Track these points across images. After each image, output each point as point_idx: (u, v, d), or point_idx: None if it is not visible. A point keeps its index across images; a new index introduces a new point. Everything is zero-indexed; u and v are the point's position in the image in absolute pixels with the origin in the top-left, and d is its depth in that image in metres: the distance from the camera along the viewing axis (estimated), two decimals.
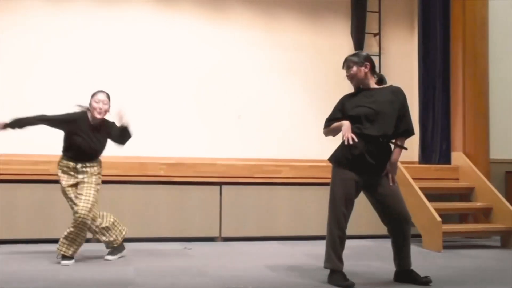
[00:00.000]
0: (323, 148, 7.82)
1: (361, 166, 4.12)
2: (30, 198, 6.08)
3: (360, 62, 4.26)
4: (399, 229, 4.18)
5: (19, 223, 6.02)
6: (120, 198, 6.27)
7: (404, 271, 4.26)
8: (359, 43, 8.15)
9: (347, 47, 8.18)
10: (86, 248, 5.77)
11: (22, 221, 6.03)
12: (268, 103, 7.90)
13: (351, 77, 4.32)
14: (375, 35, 8.40)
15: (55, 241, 5.96)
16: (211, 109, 7.72)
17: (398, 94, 4.23)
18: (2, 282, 4.10)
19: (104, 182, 6.18)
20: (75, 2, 7.38)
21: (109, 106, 5.08)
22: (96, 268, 4.74)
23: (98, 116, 5.02)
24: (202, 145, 7.44)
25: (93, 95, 5.09)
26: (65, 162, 5.11)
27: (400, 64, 8.37)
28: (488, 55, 7.41)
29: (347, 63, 4.31)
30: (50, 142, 6.90)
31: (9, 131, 5.08)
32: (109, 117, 5.13)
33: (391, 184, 4.16)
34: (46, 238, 6.04)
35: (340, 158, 4.22)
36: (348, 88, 8.73)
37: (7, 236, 5.97)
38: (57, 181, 6.05)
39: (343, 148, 4.19)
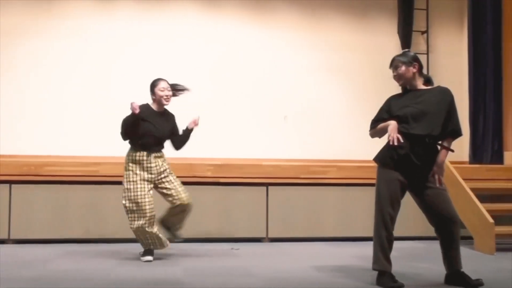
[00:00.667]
0: (370, 148, 7.76)
1: (407, 167, 4.08)
2: (81, 199, 6.22)
3: (408, 62, 4.21)
4: (446, 230, 4.11)
5: (71, 224, 6.17)
6: None
7: (454, 273, 4.18)
8: (406, 41, 8.06)
9: (393, 46, 8.10)
10: (136, 247, 5.88)
11: (74, 221, 6.18)
12: (315, 103, 7.88)
13: (399, 77, 4.26)
14: (422, 33, 8.28)
15: (106, 241, 6.14)
16: (257, 110, 7.75)
17: (446, 95, 4.16)
18: (55, 281, 4.22)
19: None
20: (122, 5, 7.53)
21: (171, 93, 5.18)
22: (145, 268, 4.82)
23: (167, 103, 5.13)
24: (249, 146, 7.47)
25: (155, 85, 5.14)
26: (136, 153, 5.09)
27: (449, 62, 8.23)
28: None
29: (395, 63, 4.26)
30: (100, 144, 7.13)
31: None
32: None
33: (437, 185, 4.09)
34: (97, 238, 6.18)
35: (386, 158, 4.18)
36: (395, 88, 8.65)
37: (60, 236, 6.14)
38: (107, 182, 6.24)
39: (388, 148, 4.14)
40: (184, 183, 6.37)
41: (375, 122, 4.33)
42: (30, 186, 6.13)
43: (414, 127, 4.06)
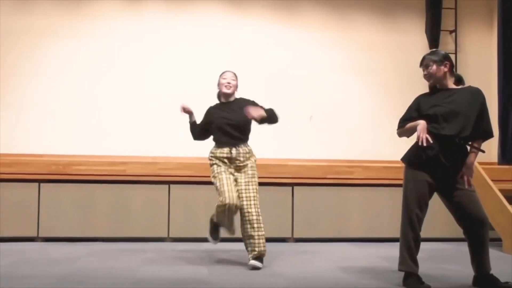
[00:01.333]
0: (397, 148, 7.68)
1: (436, 168, 4.03)
2: (108, 197, 6.29)
3: (439, 61, 4.15)
4: (475, 231, 4.04)
5: (98, 222, 6.25)
6: (193, 198, 6.38)
7: (483, 275, 4.11)
8: (434, 41, 7.97)
9: (421, 45, 8.03)
10: (162, 247, 5.93)
11: (101, 220, 6.25)
12: (340, 103, 7.84)
13: (429, 76, 4.21)
14: (451, 32, 8.19)
15: (132, 239, 6.20)
16: (283, 110, 7.67)
17: (477, 95, 4.08)
18: (83, 279, 4.27)
19: (178, 182, 6.37)
20: (151, 6, 7.59)
21: (237, 83, 5.10)
22: (171, 267, 4.84)
23: (227, 91, 5.01)
24: (275, 145, 7.46)
25: (220, 75, 5.10)
26: (217, 150, 5.01)
27: (478, 61, 8.12)
28: None
29: (426, 61, 4.20)
30: (126, 144, 7.19)
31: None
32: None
33: (467, 187, 4.04)
34: (123, 237, 6.24)
35: (414, 158, 4.14)
36: (422, 87, 8.56)
37: (87, 234, 6.22)
38: (134, 181, 6.30)
39: (417, 148, 4.08)
40: (209, 183, 6.40)
41: (403, 121, 4.28)
42: (58, 185, 6.22)
43: (444, 127, 4.01)
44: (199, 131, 5.14)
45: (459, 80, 4.25)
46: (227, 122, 4.92)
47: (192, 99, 5.54)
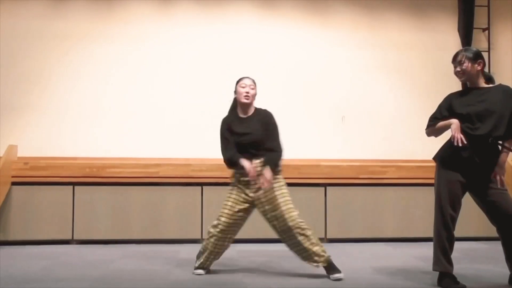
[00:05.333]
0: (429, 147, 7.60)
1: (469, 168, 3.96)
2: (141, 199, 6.33)
3: (473, 59, 4.07)
4: (508, 230, 3.97)
5: (132, 224, 6.29)
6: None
7: None
8: (467, 38, 7.85)
9: (454, 44, 7.91)
10: (196, 248, 5.95)
11: (134, 222, 6.30)
12: (373, 103, 7.77)
13: (463, 73, 4.11)
14: (484, 30, 8.04)
15: (165, 241, 6.23)
16: (315, 110, 7.70)
17: (509, 94, 4.01)
18: (117, 281, 4.30)
19: (211, 184, 6.38)
20: (181, 9, 7.62)
21: (256, 91, 4.64)
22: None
23: (245, 101, 4.54)
24: (307, 146, 7.43)
25: (238, 81, 4.65)
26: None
27: (511, 60, 7.97)
28: None
29: (459, 58, 4.10)
30: (160, 146, 7.24)
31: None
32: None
33: (499, 186, 3.95)
34: (157, 239, 6.28)
35: (446, 158, 4.07)
36: (455, 86, 8.46)
37: (121, 236, 6.27)
38: (167, 183, 6.33)
39: (450, 147, 4.02)
40: None
41: (433, 119, 4.20)
42: (92, 188, 6.28)
43: (478, 127, 3.93)
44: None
45: (489, 79, 4.17)
46: (249, 140, 4.50)
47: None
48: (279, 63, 7.64)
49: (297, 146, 7.44)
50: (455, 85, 7.78)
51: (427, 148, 7.56)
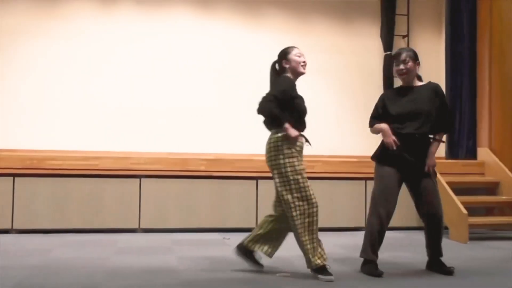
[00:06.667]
0: (354, 144, 7.83)
1: (401, 163, 4.07)
2: (81, 191, 6.16)
3: (415, 58, 4.14)
4: (432, 223, 4.09)
5: (71, 214, 6.12)
6: (164, 191, 6.31)
7: (434, 261, 4.20)
8: (388, 44, 8.05)
9: (376, 49, 8.11)
10: (133, 237, 5.85)
11: (74, 212, 6.13)
12: None
13: (406, 72, 4.12)
14: (403, 37, 8.26)
15: (104, 231, 6.09)
16: (247, 109, 7.64)
17: (437, 91, 4.12)
18: (56, 269, 4.17)
19: (149, 176, 6.29)
20: (121, 8, 7.47)
21: None
22: (141, 257, 4.77)
23: (305, 72, 4.25)
24: (240, 142, 7.42)
25: (288, 52, 4.18)
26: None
27: (428, 64, 8.12)
28: None
29: (403, 57, 4.10)
30: (100, 139, 7.08)
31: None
32: None
33: (430, 174, 4.05)
34: (96, 228, 6.13)
35: (381, 156, 4.19)
36: (378, 88, 8.64)
37: (60, 226, 6.08)
38: (106, 175, 6.17)
39: (383, 146, 4.16)
40: (178, 177, 6.37)
41: (372, 119, 4.29)
42: (32, 179, 6.07)
43: (407, 126, 4.05)
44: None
45: (419, 77, 4.25)
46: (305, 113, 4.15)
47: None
48: (215, 63, 7.60)
49: (231, 142, 7.45)
50: (378, 87, 7.98)
51: (350, 145, 7.80)
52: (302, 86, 7.82)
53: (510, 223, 6.53)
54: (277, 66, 4.30)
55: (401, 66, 4.12)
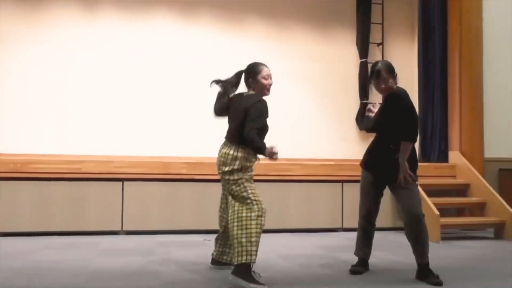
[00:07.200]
0: (332, 148, 7.88)
1: (375, 170, 4.18)
2: (64, 194, 6.09)
3: (392, 72, 4.09)
4: (410, 225, 4.00)
5: (55, 217, 6.04)
6: (146, 194, 6.27)
7: (418, 266, 4.05)
8: (363, 52, 8.11)
9: (352, 56, 8.16)
10: (116, 240, 5.80)
11: (57, 215, 6.04)
12: (281, 107, 7.83)
13: (387, 89, 4.06)
14: (378, 44, 8.33)
15: (87, 233, 6.02)
16: None
17: (398, 101, 4.02)
18: (39, 271, 4.12)
19: (131, 179, 6.24)
20: (100, 14, 7.42)
21: None
22: (124, 259, 4.73)
23: (269, 94, 4.19)
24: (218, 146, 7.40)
25: (257, 71, 4.14)
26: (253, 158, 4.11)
27: (402, 70, 8.19)
28: (482, 61, 7.34)
29: (384, 75, 4.04)
30: (82, 143, 7.02)
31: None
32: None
33: (400, 182, 3.99)
34: (79, 231, 6.06)
35: (363, 162, 4.31)
36: (354, 94, 8.68)
37: (44, 229, 6.00)
38: (89, 179, 6.12)
39: (364, 154, 4.31)
40: (160, 180, 6.33)
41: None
42: (16, 183, 5.97)
43: (377, 138, 4.20)
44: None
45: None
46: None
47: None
48: (196, 70, 7.57)
49: (212, 145, 7.38)
50: (353, 93, 8.04)
51: (330, 148, 7.84)
52: (281, 92, 7.82)
53: (480, 223, 6.62)
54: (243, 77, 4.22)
55: (383, 86, 4.05)
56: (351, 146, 7.93)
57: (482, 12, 7.40)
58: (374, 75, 4.08)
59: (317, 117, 7.95)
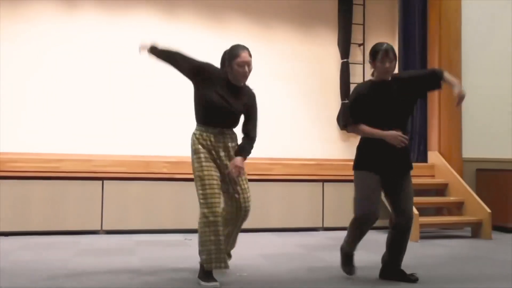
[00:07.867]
0: (312, 148, 7.88)
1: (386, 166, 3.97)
2: (42, 193, 5.99)
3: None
4: (408, 230, 3.83)
5: (33, 217, 5.94)
6: (126, 193, 6.20)
7: (394, 266, 3.94)
8: (345, 52, 8.13)
9: (334, 56, 8.18)
10: (95, 239, 5.73)
11: (35, 214, 5.95)
12: (261, 107, 7.76)
13: (392, 70, 3.84)
14: (359, 45, 8.36)
15: (65, 233, 5.94)
16: None
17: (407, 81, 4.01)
18: (16, 271, 4.04)
19: (111, 178, 6.17)
20: (80, 11, 7.33)
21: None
22: (103, 258, 4.68)
23: (244, 81, 3.95)
24: None
25: (234, 56, 3.88)
26: (202, 130, 3.96)
27: None
28: (461, 63, 7.41)
29: (392, 55, 3.78)
30: (61, 141, 6.92)
31: (149, 55, 4.09)
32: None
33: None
34: (57, 231, 5.98)
35: (365, 164, 3.98)
36: (335, 94, 8.69)
37: (22, 228, 5.90)
38: (67, 178, 6.03)
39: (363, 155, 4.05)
40: (141, 179, 6.27)
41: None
42: None
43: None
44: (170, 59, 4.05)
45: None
46: (225, 107, 3.90)
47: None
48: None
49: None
50: (335, 93, 8.05)
51: (309, 149, 7.84)
52: (262, 91, 7.79)
53: (457, 222, 6.68)
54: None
55: (387, 64, 3.78)
56: (332, 146, 7.95)
57: (461, 13, 7.47)
58: (381, 53, 3.76)
59: (298, 117, 7.94)
